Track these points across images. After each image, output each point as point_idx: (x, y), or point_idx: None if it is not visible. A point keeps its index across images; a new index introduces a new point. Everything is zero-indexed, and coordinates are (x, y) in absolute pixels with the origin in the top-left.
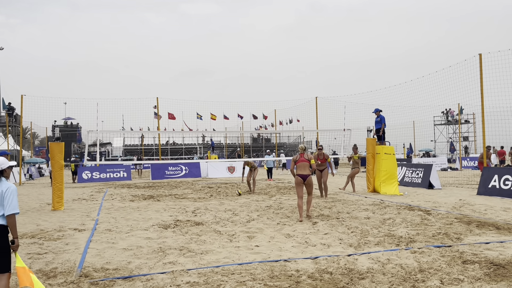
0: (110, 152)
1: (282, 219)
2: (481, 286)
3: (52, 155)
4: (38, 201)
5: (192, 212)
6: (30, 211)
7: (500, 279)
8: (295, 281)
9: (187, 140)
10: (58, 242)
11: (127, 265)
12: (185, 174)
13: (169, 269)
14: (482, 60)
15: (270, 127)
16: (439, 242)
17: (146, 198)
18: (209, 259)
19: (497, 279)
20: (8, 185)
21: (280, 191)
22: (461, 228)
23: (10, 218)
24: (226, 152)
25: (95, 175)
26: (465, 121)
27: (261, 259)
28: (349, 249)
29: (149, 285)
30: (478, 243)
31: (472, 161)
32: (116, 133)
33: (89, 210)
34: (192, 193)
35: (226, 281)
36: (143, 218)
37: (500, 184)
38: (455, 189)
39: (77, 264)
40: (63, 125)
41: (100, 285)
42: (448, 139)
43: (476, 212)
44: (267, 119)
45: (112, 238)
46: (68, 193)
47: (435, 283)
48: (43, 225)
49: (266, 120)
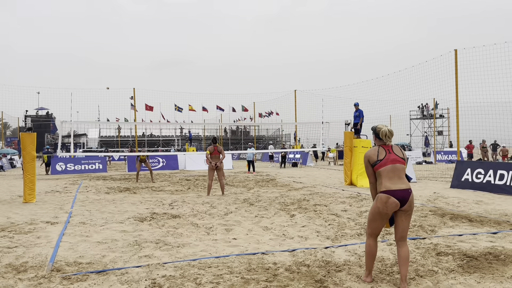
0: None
1: (260, 212)
2: (454, 277)
3: (24, 146)
4: (9, 193)
5: (169, 205)
6: (1, 204)
7: (473, 270)
8: (273, 274)
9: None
10: (29, 236)
11: (101, 258)
12: (162, 167)
13: (145, 262)
14: (457, 56)
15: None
16: (414, 235)
17: (122, 190)
18: (185, 252)
19: (470, 270)
20: None
21: (258, 183)
22: (436, 220)
23: None
24: (205, 144)
25: (69, 167)
26: (440, 116)
27: (238, 252)
28: (326, 241)
29: (124, 279)
30: (451, 235)
31: (446, 155)
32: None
33: (63, 203)
34: (169, 185)
35: (203, 274)
36: (119, 211)
37: (473, 178)
38: (430, 182)
39: (49, 258)
40: (35, 115)
41: (72, 280)
42: (423, 133)
43: (450, 205)
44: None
45: (86, 231)
46: (41, 185)
47: (411, 275)
48: (14, 218)
49: (246, 112)
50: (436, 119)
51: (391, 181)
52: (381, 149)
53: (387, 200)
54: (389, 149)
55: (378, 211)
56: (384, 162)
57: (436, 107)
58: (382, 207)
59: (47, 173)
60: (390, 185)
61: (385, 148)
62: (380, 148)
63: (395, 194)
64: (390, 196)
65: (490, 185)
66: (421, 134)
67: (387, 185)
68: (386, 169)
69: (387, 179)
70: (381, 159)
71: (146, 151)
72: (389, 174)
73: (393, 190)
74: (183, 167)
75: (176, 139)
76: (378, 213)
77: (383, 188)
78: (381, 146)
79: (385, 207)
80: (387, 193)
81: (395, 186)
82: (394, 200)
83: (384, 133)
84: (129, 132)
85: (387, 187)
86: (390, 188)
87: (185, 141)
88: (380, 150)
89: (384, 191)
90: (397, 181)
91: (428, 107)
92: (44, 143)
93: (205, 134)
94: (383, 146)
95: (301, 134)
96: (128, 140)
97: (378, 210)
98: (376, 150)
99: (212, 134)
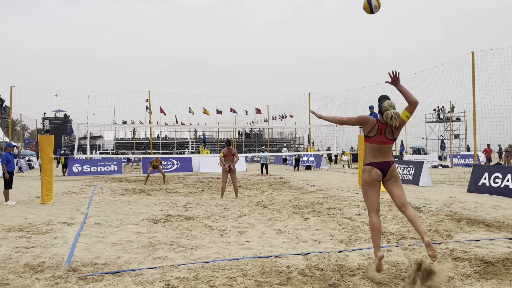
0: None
1: (274, 215)
2: (471, 283)
3: (42, 148)
4: (27, 194)
5: (183, 207)
6: (19, 204)
7: (490, 276)
8: (286, 277)
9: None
10: (47, 236)
11: (116, 260)
12: (176, 169)
13: (159, 264)
14: (474, 58)
15: (263, 122)
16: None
17: (137, 192)
18: (199, 254)
19: (487, 276)
20: None
21: (271, 186)
22: (452, 225)
23: None
24: (219, 147)
25: (85, 169)
26: (456, 119)
27: (252, 255)
28: (340, 245)
29: (138, 281)
30: (468, 241)
31: (463, 159)
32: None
33: (79, 204)
34: (183, 187)
35: (217, 276)
36: (134, 212)
37: (490, 182)
38: (446, 186)
39: (66, 259)
40: (53, 117)
41: (88, 280)
42: (439, 137)
43: (466, 209)
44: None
45: (102, 232)
46: (58, 186)
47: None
48: (32, 219)
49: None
50: (452, 122)
51: (374, 157)
52: (375, 126)
53: (371, 171)
54: (382, 130)
55: (365, 181)
56: (372, 139)
57: (452, 110)
58: (367, 176)
59: (64, 175)
60: (371, 159)
61: (380, 126)
62: (377, 124)
63: (376, 165)
64: (372, 167)
65: (508, 190)
66: (436, 138)
67: (369, 159)
68: (372, 146)
69: (370, 155)
70: (371, 136)
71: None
72: (373, 152)
73: (374, 163)
74: (197, 169)
75: (190, 142)
76: (366, 183)
77: (367, 161)
78: (378, 122)
79: (370, 176)
80: (369, 165)
81: (376, 160)
82: (376, 170)
83: (389, 115)
84: (144, 135)
85: (369, 160)
86: (371, 161)
87: (199, 143)
88: (375, 127)
89: (367, 163)
90: (379, 157)
91: (444, 110)
92: (61, 145)
93: (219, 137)
94: (379, 122)
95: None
96: (143, 142)
97: (364, 180)
98: (374, 124)
99: (226, 136)
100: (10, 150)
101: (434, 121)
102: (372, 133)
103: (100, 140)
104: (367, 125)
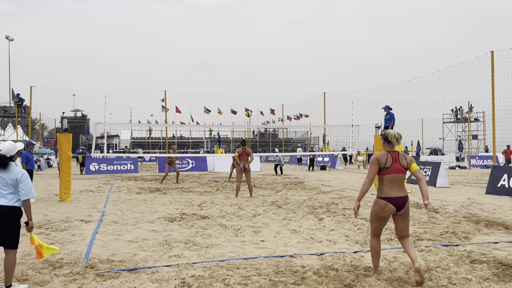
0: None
1: (288, 215)
2: (489, 286)
3: (60, 146)
4: (46, 192)
5: (198, 206)
6: (38, 202)
7: (509, 279)
8: (301, 277)
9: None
10: (65, 233)
11: (132, 257)
12: (191, 168)
13: (174, 262)
14: (494, 58)
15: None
16: (447, 241)
17: (153, 191)
18: (214, 253)
19: (505, 279)
20: (21, 171)
21: (286, 186)
22: (469, 227)
23: (26, 202)
24: (233, 146)
25: (102, 167)
26: (475, 119)
27: (266, 254)
28: (355, 246)
29: (154, 278)
30: (486, 243)
31: (481, 160)
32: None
33: (96, 202)
34: (198, 186)
35: (231, 275)
36: (149, 211)
37: (510, 184)
38: (463, 187)
39: (83, 255)
40: (72, 116)
41: (105, 277)
42: (457, 137)
43: (485, 211)
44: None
45: (118, 230)
46: (76, 184)
47: (443, 282)
48: (51, 216)
49: (273, 115)
50: (470, 123)
51: (391, 189)
52: (389, 156)
53: (385, 206)
54: (396, 158)
55: (376, 215)
56: (389, 170)
57: (471, 110)
58: (380, 212)
59: (81, 173)
60: (389, 193)
61: (393, 155)
62: (389, 154)
63: (392, 201)
64: (388, 203)
65: None
66: (454, 138)
67: (387, 192)
68: (389, 178)
69: (388, 187)
70: (388, 166)
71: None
72: (391, 183)
73: (391, 198)
74: (212, 169)
75: (205, 141)
76: (376, 217)
77: (383, 194)
78: (389, 152)
79: (382, 212)
80: (385, 200)
81: (393, 194)
82: (391, 206)
83: (393, 135)
84: (159, 134)
85: (386, 194)
86: (388, 196)
87: (214, 143)
88: (388, 157)
89: (383, 197)
90: (396, 189)
91: (462, 110)
92: (79, 143)
93: (233, 136)
94: (391, 153)
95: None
96: (158, 142)
97: (376, 214)
98: (386, 156)
99: (241, 136)
100: (30, 149)
101: (451, 122)
102: (388, 163)
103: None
104: (381, 159)
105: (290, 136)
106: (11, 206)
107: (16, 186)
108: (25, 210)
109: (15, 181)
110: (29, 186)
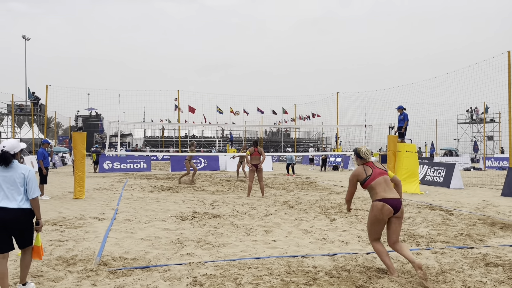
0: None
1: (300, 215)
2: None
3: (75, 145)
4: (61, 189)
5: (210, 205)
6: (53, 199)
7: None
8: (312, 278)
9: (207, 133)
10: (79, 230)
11: (145, 255)
12: (204, 167)
13: (186, 260)
14: (510, 58)
15: (290, 122)
16: (461, 244)
17: (165, 189)
18: (226, 252)
19: None
20: (27, 168)
21: (298, 186)
22: (484, 229)
23: (35, 200)
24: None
25: (115, 166)
26: (491, 120)
27: (278, 254)
28: (367, 247)
29: (166, 276)
30: (502, 246)
31: (497, 161)
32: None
33: (109, 200)
34: (210, 185)
35: (243, 274)
36: (162, 209)
37: None
38: (478, 189)
39: (97, 252)
40: (86, 115)
41: (118, 274)
42: (472, 138)
43: (500, 213)
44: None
45: (131, 228)
46: (90, 182)
47: (457, 285)
48: (65, 213)
49: (286, 115)
50: (486, 124)
51: (384, 191)
52: (366, 167)
53: (382, 207)
54: (372, 165)
55: (375, 218)
56: (373, 176)
57: (486, 111)
58: (379, 213)
59: (95, 171)
60: (384, 194)
61: (369, 165)
62: (365, 166)
63: (389, 202)
64: (385, 204)
65: None
66: (469, 139)
67: (382, 194)
68: (378, 181)
69: (381, 189)
70: (369, 174)
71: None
72: (382, 185)
73: (387, 199)
74: (224, 168)
75: (218, 140)
76: (376, 220)
77: (379, 196)
78: (365, 164)
79: (381, 213)
80: (382, 201)
81: (388, 195)
82: (389, 207)
83: (364, 152)
84: (172, 133)
85: (382, 195)
86: (384, 197)
87: (226, 142)
88: (366, 168)
89: (379, 199)
90: (389, 191)
91: (477, 111)
92: (93, 142)
93: (245, 136)
94: (366, 164)
95: (342, 137)
96: (171, 141)
97: (375, 217)
98: (363, 168)
99: (253, 136)
100: (46, 146)
101: (466, 122)
102: (368, 172)
103: (130, 138)
104: (360, 174)
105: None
106: (23, 209)
107: (24, 184)
108: (34, 208)
109: (23, 179)
110: (36, 184)
